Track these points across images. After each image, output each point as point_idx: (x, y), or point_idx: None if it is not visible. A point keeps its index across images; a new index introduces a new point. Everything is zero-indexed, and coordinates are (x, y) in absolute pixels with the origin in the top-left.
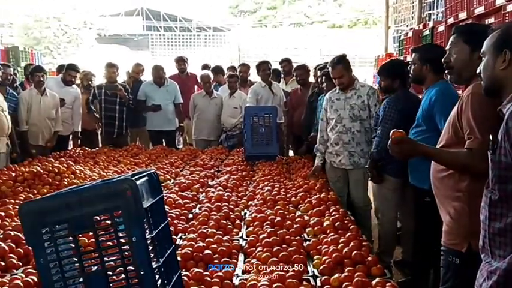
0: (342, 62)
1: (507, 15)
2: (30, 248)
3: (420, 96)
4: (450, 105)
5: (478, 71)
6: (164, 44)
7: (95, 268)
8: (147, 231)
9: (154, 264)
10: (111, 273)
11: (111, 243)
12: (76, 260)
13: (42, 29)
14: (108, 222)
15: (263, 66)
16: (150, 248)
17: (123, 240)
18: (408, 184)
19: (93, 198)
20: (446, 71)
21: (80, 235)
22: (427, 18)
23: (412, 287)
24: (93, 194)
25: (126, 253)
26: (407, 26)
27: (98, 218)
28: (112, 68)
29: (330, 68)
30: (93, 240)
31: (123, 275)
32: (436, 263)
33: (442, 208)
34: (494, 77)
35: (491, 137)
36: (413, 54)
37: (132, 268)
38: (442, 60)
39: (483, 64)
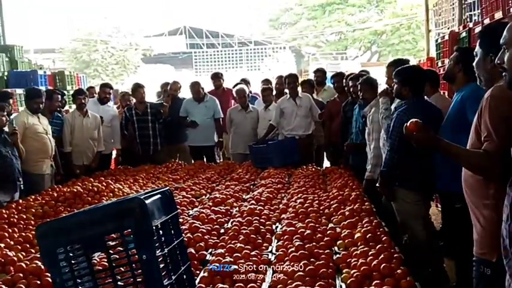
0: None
1: None
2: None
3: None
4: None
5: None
6: (207, 61)
7: (108, 287)
8: (159, 249)
9: (166, 281)
10: None
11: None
12: (90, 279)
13: (90, 53)
14: (119, 240)
15: (288, 79)
16: (162, 265)
17: (134, 259)
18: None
19: (103, 217)
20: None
21: (94, 255)
22: (468, 19)
23: None
24: (103, 214)
25: (137, 271)
26: (448, 28)
27: (112, 236)
28: (141, 88)
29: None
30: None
31: None
32: (468, 272)
33: (474, 216)
34: None
35: None
36: (454, 53)
37: (143, 287)
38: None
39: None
